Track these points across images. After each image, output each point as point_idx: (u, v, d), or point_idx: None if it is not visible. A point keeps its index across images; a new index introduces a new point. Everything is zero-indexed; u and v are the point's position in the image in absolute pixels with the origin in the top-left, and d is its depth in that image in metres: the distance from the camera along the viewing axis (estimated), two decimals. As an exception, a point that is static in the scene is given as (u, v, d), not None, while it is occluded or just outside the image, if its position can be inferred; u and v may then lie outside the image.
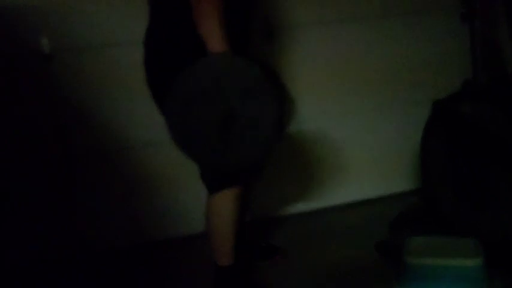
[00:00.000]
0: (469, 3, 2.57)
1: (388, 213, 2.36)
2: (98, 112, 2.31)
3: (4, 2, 2.11)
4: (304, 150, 2.54)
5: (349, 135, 2.58)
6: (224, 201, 1.81)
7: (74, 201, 2.38)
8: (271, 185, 2.52)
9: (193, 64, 1.50)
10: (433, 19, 2.58)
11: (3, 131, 2.22)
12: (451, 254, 1.75)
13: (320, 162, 2.58)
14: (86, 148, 2.34)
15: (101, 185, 2.39)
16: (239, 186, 1.81)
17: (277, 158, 2.46)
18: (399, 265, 1.81)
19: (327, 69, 2.47)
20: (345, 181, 2.60)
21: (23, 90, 2.23)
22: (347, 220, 2.48)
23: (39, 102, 2.25)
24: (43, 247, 2.35)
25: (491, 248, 1.76)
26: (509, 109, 1.94)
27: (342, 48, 2.48)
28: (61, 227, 2.37)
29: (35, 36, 2.16)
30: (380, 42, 2.53)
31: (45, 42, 2.17)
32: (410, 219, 2.32)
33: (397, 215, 2.35)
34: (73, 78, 2.26)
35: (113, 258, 2.36)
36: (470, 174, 2.04)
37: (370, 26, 2.49)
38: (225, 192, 1.80)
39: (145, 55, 1.77)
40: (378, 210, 2.53)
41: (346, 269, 2.06)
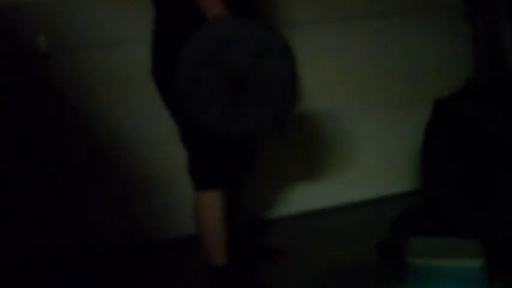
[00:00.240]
0: (470, 2, 2.56)
1: (388, 214, 2.36)
2: (96, 112, 2.30)
3: (1, 1, 2.10)
4: (303, 151, 2.53)
5: (349, 135, 2.57)
6: (210, 200, 1.81)
7: (74, 201, 2.38)
8: (271, 185, 2.52)
9: (200, 28, 1.45)
10: (434, 18, 2.57)
11: (1, 130, 2.22)
12: (452, 255, 1.75)
13: (320, 162, 2.57)
14: (84, 148, 2.34)
15: (100, 185, 2.38)
16: (226, 186, 1.81)
17: (277, 159, 2.47)
18: (400, 266, 1.81)
19: (326, 69, 2.46)
20: (345, 181, 2.59)
21: (20, 89, 2.23)
22: (347, 220, 2.48)
23: (37, 102, 2.25)
24: (43, 247, 2.35)
25: (492, 248, 1.75)
26: (509, 109, 1.93)
27: (342, 47, 2.47)
28: (61, 227, 2.37)
29: (32, 35, 2.15)
30: (380, 41, 2.52)
31: (42, 41, 2.16)
32: (411, 220, 2.31)
33: (397, 216, 2.34)
34: (70, 77, 2.25)
35: (112, 258, 2.36)
36: (471, 174, 2.04)
37: (370, 26, 2.49)
38: (211, 190, 1.80)
39: (153, 45, 1.75)
40: (378, 210, 2.53)
41: (346, 269, 2.06)
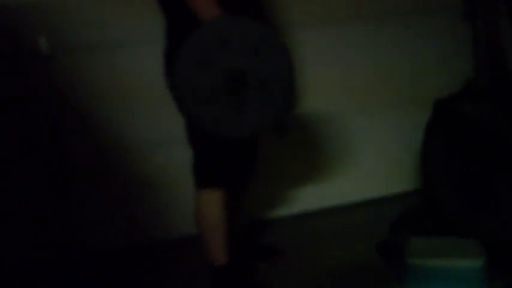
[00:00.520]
0: (470, 3, 2.56)
1: (388, 214, 2.36)
2: (96, 112, 2.31)
3: (2, 2, 2.10)
4: (303, 151, 2.53)
5: (349, 136, 2.57)
6: (210, 199, 1.82)
7: (74, 201, 2.38)
8: (271, 185, 2.52)
9: (197, 29, 1.46)
10: (434, 19, 2.57)
11: (2, 131, 2.22)
12: (452, 255, 1.75)
13: (320, 162, 2.58)
14: (84, 148, 2.34)
15: (100, 185, 2.38)
16: (227, 186, 1.82)
17: (277, 159, 2.47)
18: (400, 266, 1.81)
19: (326, 69, 2.46)
20: (345, 181, 2.59)
21: (21, 90, 2.23)
22: (347, 220, 2.48)
23: (37, 102, 2.25)
24: (43, 247, 2.36)
25: (492, 248, 1.75)
26: (509, 109, 1.93)
27: (342, 48, 2.47)
28: (61, 227, 2.37)
29: (33, 36, 2.15)
30: (380, 41, 2.52)
31: (43, 41, 2.16)
32: (411, 220, 2.31)
33: (397, 216, 2.34)
34: (71, 78, 2.25)
35: (112, 258, 2.36)
36: (471, 174, 2.04)
37: (370, 26, 2.48)
38: (212, 189, 1.81)
39: (166, 47, 1.77)
40: (378, 210, 2.53)
41: (346, 269, 2.06)
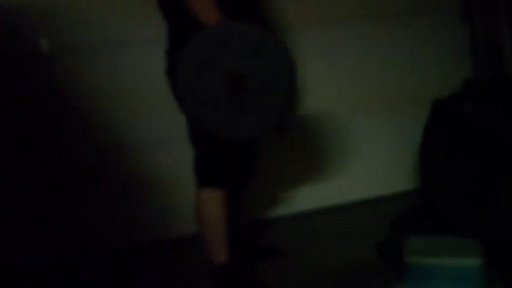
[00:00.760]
0: (468, 3, 2.57)
1: (388, 213, 2.36)
2: (96, 112, 2.31)
3: (3, 3, 2.11)
4: (303, 151, 2.54)
5: (349, 135, 2.58)
6: (210, 197, 1.83)
7: (74, 201, 2.38)
8: (271, 185, 2.53)
9: (198, 32, 1.48)
10: (433, 19, 2.58)
11: (2, 131, 2.22)
12: (451, 254, 1.76)
13: (320, 162, 2.58)
14: (85, 148, 2.34)
15: (100, 185, 2.38)
16: (227, 186, 1.82)
17: (277, 159, 2.47)
18: (399, 265, 1.81)
19: (326, 69, 2.47)
20: (345, 181, 2.59)
21: (21, 90, 2.23)
22: (347, 220, 2.48)
23: (38, 102, 2.25)
24: (43, 247, 2.36)
25: (491, 248, 1.76)
26: (509, 109, 1.94)
27: (342, 48, 2.48)
28: (61, 227, 2.37)
29: (34, 36, 2.16)
30: (380, 42, 2.52)
31: (45, 42, 2.17)
32: (411, 219, 2.32)
33: (397, 215, 2.34)
34: (71, 78, 2.25)
35: (112, 258, 2.36)
36: (470, 174, 2.04)
37: (369, 26, 2.49)
38: (212, 188, 1.82)
39: (168, 47, 1.78)
40: (378, 210, 2.53)
41: (346, 269, 2.06)
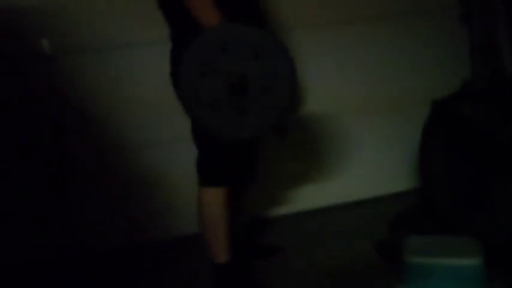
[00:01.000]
0: (467, 4, 2.58)
1: (387, 213, 2.37)
2: (96, 112, 2.31)
3: (5, 3, 2.11)
4: (303, 151, 2.54)
5: (349, 135, 2.58)
6: (211, 196, 1.83)
7: (74, 201, 2.38)
8: (271, 184, 2.53)
9: (199, 35, 1.48)
10: (432, 20, 2.58)
11: (4, 131, 2.22)
12: (451, 254, 1.76)
13: (320, 162, 2.58)
14: (85, 148, 2.34)
15: (100, 185, 2.39)
16: (227, 185, 1.83)
17: (277, 159, 2.47)
18: (399, 265, 1.82)
19: (326, 69, 2.47)
20: (344, 181, 2.60)
21: (23, 91, 2.23)
22: (347, 220, 2.48)
23: (39, 103, 2.25)
24: (43, 247, 2.36)
25: (488, 249, 1.76)
26: (505, 111, 1.94)
27: (342, 48, 2.48)
28: (61, 227, 2.37)
29: (36, 37, 2.16)
30: (379, 42, 2.53)
31: (46, 43, 2.17)
32: (410, 219, 2.32)
33: (396, 215, 2.35)
34: (73, 79, 2.26)
35: (112, 258, 2.36)
36: (468, 176, 2.04)
37: (369, 26, 2.49)
38: (213, 188, 1.82)
39: (171, 48, 1.78)
40: (377, 210, 2.53)
41: (346, 269, 2.06)
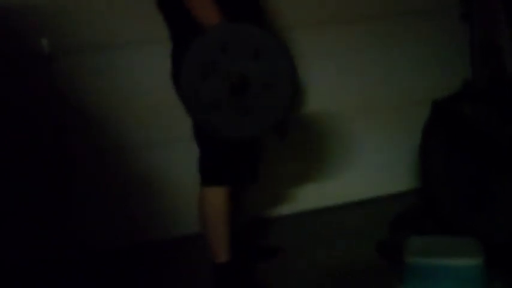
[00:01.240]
0: (468, 4, 2.58)
1: (388, 213, 2.37)
2: (96, 112, 2.31)
3: (4, 3, 2.11)
4: (303, 151, 2.54)
5: (349, 135, 2.58)
6: (212, 195, 1.84)
7: (74, 201, 2.38)
8: (271, 184, 2.53)
9: (199, 35, 1.49)
10: (433, 20, 2.58)
11: (4, 131, 2.22)
12: (451, 254, 1.76)
13: (320, 162, 2.58)
14: (85, 148, 2.34)
15: (100, 185, 2.39)
16: (228, 185, 1.83)
17: (277, 159, 2.47)
18: (399, 265, 1.82)
19: (326, 69, 2.47)
20: (345, 181, 2.60)
21: (22, 90, 2.23)
22: (347, 220, 2.48)
23: (38, 102, 2.25)
24: (43, 247, 2.36)
25: (489, 249, 1.76)
26: (504, 111, 1.94)
27: (342, 48, 2.48)
28: (61, 227, 2.37)
29: (35, 36, 2.16)
30: (380, 42, 2.53)
31: (45, 42, 2.17)
32: (410, 219, 2.32)
33: (397, 215, 2.35)
34: (73, 79, 2.26)
35: (112, 258, 2.36)
36: (468, 176, 2.04)
37: (369, 26, 2.49)
38: (214, 187, 1.83)
39: (172, 49, 1.79)
40: (378, 210, 2.53)
41: (346, 269, 2.06)
